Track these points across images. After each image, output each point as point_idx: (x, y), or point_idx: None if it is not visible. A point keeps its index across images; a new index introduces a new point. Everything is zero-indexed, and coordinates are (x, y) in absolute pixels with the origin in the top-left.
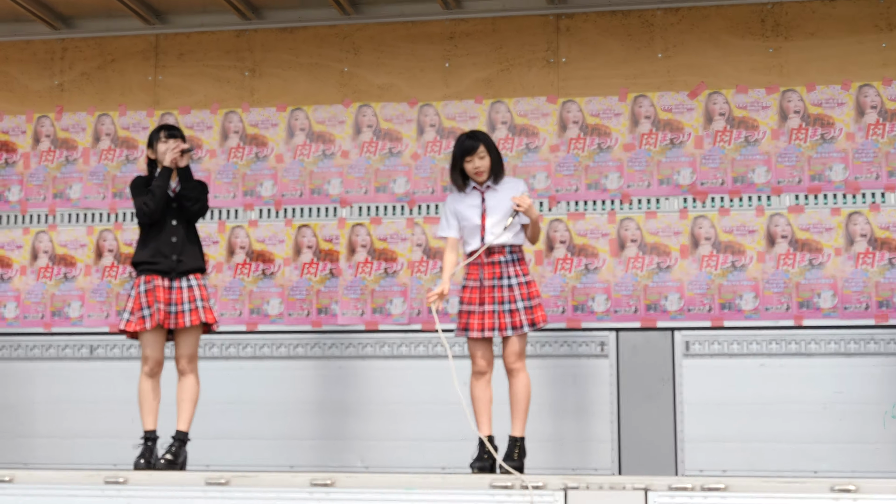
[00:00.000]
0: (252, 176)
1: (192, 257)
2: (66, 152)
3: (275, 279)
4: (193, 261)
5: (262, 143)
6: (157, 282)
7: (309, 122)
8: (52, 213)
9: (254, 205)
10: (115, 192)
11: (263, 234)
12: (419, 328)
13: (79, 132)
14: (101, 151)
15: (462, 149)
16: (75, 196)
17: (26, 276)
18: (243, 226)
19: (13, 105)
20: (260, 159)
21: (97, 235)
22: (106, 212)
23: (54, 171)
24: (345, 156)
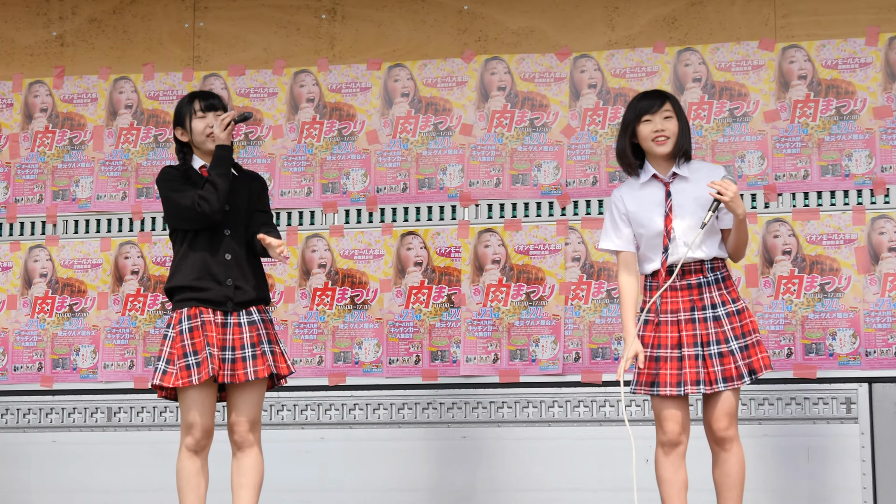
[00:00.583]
0: (334, 163)
1: (254, 282)
2: (69, 133)
3: (368, 311)
4: (256, 287)
5: (348, 116)
6: (206, 316)
7: (414, 83)
8: (52, 221)
9: (337, 204)
10: (140, 188)
11: (351, 245)
12: (578, 380)
13: (87, 104)
14: (120, 131)
15: (637, 109)
16: (84, 195)
17: (16, 311)
18: (322, 234)
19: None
20: (345, 138)
21: (115, 251)
22: (127, 217)
23: (54, 159)
24: (466, 132)
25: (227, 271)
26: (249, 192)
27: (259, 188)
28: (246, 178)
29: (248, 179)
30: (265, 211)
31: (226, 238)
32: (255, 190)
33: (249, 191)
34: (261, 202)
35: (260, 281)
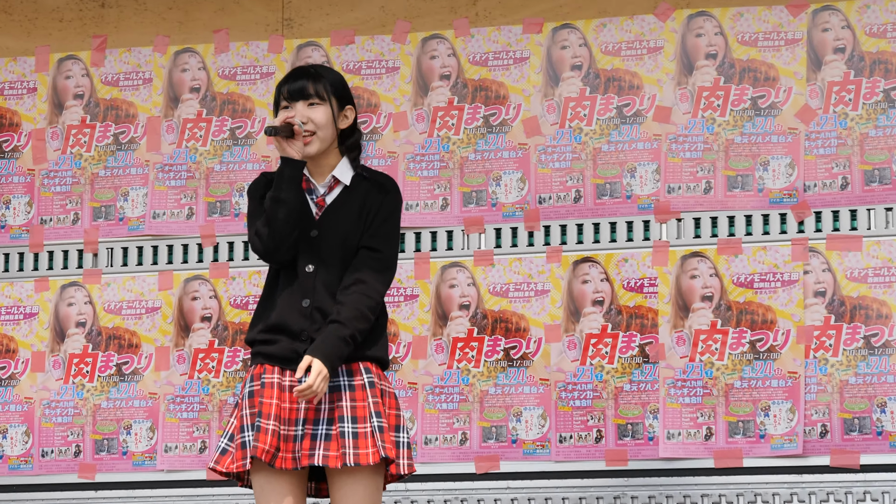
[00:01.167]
0: (478, 163)
1: None
2: (113, 127)
3: (529, 369)
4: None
5: (497, 99)
6: (268, 377)
7: (588, 51)
8: (92, 249)
9: (484, 220)
10: (211, 202)
11: (504, 277)
12: (826, 463)
13: (138, 87)
14: (184, 124)
15: None
16: (135, 212)
17: (44, 375)
18: (464, 263)
19: (11, 39)
20: (494, 129)
21: (179, 289)
22: (195, 242)
23: (93, 164)
24: (662, 117)
25: (302, 321)
26: (360, 211)
27: (378, 205)
28: (361, 189)
29: (363, 192)
30: (372, 248)
31: (306, 277)
32: (371, 207)
33: (361, 209)
34: (372, 228)
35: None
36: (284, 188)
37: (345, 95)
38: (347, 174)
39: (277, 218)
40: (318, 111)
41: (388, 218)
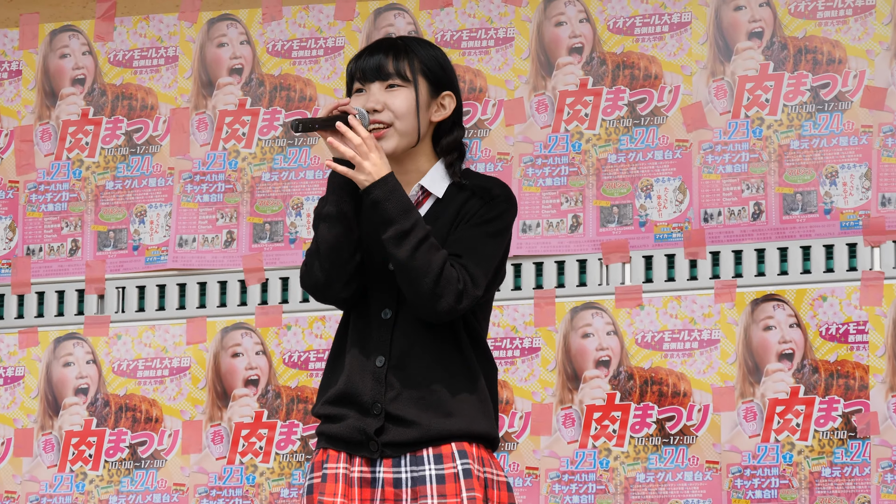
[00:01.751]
0: (629, 167)
1: (447, 404)
2: (125, 123)
3: (692, 446)
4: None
5: (648, 78)
6: (338, 467)
7: (772, 14)
8: (97, 288)
9: (630, 245)
10: (258, 223)
11: (655, 323)
12: None
13: (159, 68)
14: (221, 118)
15: None
16: (155, 239)
17: (31, 460)
18: (602, 305)
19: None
20: (640, 121)
21: (216, 342)
22: (237, 279)
23: (98, 174)
24: (874, 101)
25: (375, 388)
26: (452, 225)
27: (475, 209)
28: (458, 200)
29: (460, 202)
30: (458, 255)
31: (382, 327)
32: (465, 213)
33: (453, 223)
34: (457, 231)
35: (462, 403)
36: (332, 199)
37: (442, 77)
38: (441, 183)
39: (325, 239)
40: (398, 96)
41: (484, 224)
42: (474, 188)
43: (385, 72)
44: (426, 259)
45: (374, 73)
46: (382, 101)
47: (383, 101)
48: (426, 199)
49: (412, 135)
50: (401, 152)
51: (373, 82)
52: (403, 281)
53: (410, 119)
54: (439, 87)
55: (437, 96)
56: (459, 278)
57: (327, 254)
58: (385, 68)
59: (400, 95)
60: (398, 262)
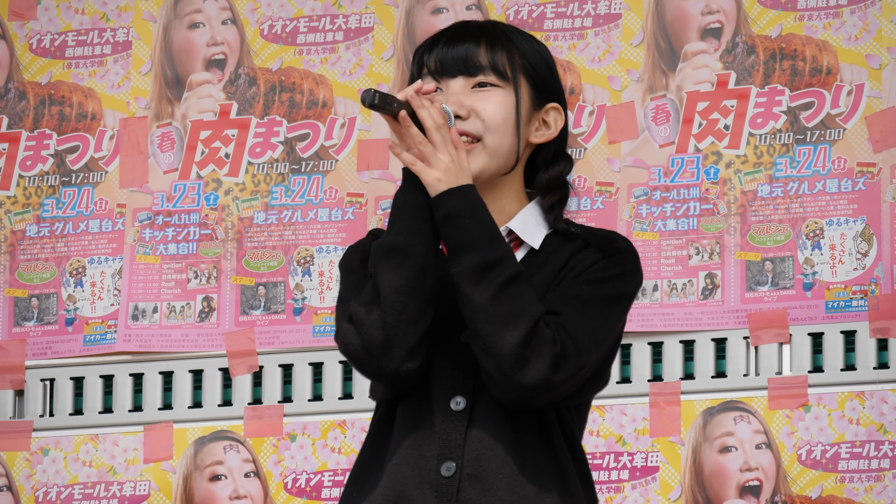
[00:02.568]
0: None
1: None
2: (55, 138)
3: None
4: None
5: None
6: None
7: None
8: (14, 383)
9: (788, 315)
10: (247, 285)
11: (826, 431)
12: None
13: (102, 59)
14: (194, 130)
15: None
16: (98, 309)
17: None
18: (747, 405)
19: None
20: (805, 136)
21: (187, 459)
22: (217, 366)
23: (15, 214)
24: None
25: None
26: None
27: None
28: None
29: (567, 253)
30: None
31: (451, 421)
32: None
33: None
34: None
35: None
36: (401, 226)
37: (550, 82)
38: (537, 231)
39: (391, 283)
40: (491, 99)
41: (601, 283)
42: (588, 237)
43: (475, 64)
44: (514, 306)
45: (458, 65)
46: (468, 104)
47: (469, 105)
48: (516, 248)
49: (507, 156)
50: (486, 179)
51: (455, 77)
52: (478, 338)
53: (507, 133)
54: (544, 96)
55: (540, 108)
56: (556, 339)
57: (393, 303)
58: (475, 59)
59: (494, 99)
60: (474, 306)
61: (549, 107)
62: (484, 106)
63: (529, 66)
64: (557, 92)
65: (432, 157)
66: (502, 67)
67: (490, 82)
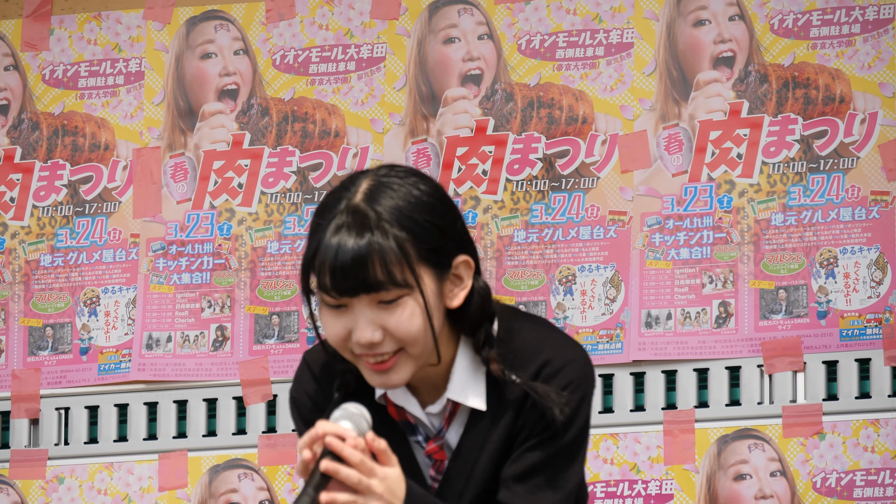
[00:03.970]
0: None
1: None
2: (68, 169)
3: None
4: None
5: None
6: None
7: None
8: (29, 412)
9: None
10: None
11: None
12: None
13: (115, 89)
14: (208, 160)
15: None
16: (112, 339)
17: None
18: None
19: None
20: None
21: (202, 487)
22: (231, 395)
23: (29, 244)
24: None
25: None
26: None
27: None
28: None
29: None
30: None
31: None
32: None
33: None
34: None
35: None
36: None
37: (446, 244)
38: (476, 384)
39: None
40: (400, 313)
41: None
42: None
43: (372, 282)
44: None
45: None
46: (380, 324)
47: (380, 325)
48: (458, 408)
49: (430, 345)
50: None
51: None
52: None
53: (426, 333)
54: (446, 262)
55: (447, 274)
56: None
57: None
58: (371, 277)
59: (404, 314)
60: None
61: (456, 263)
62: (397, 324)
63: (424, 248)
64: (457, 241)
65: (368, 489)
66: (401, 278)
67: (393, 297)
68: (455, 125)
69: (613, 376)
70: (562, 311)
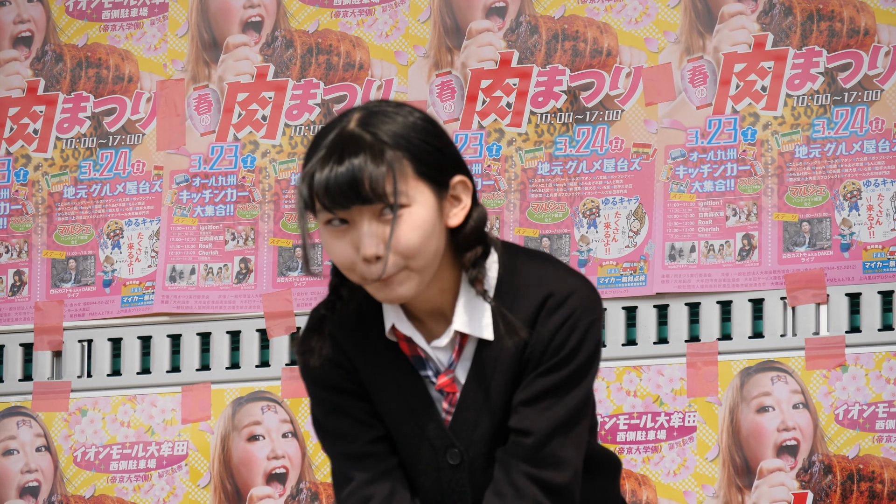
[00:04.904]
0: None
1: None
2: (92, 101)
3: None
4: None
5: None
6: None
7: None
8: (52, 344)
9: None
10: (284, 246)
11: None
12: None
13: (139, 21)
14: (231, 92)
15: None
16: (136, 271)
17: None
18: None
19: None
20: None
21: (225, 420)
22: (254, 327)
23: (52, 176)
24: None
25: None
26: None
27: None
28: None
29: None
30: (525, 433)
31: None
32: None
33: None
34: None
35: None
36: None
37: (443, 161)
38: (480, 314)
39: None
40: (402, 227)
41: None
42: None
43: (371, 193)
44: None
45: (353, 197)
46: (382, 237)
47: (383, 238)
48: (466, 339)
49: (435, 261)
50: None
51: (350, 209)
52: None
53: (429, 246)
54: (444, 179)
55: (446, 193)
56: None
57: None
58: (371, 187)
59: (405, 225)
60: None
61: (454, 183)
62: (399, 238)
63: (420, 163)
64: (455, 161)
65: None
66: (400, 187)
67: (392, 206)
68: (479, 58)
69: (637, 309)
70: (585, 243)
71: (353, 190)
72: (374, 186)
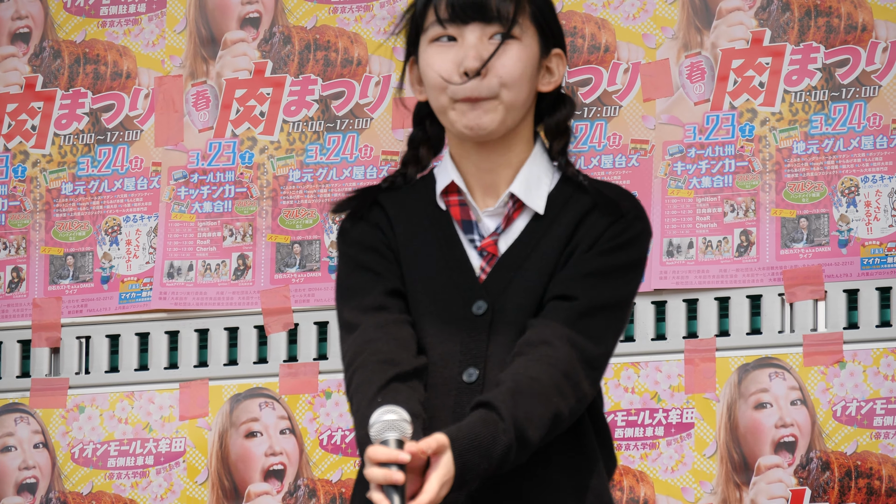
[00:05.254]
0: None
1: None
2: (90, 97)
3: None
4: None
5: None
6: None
7: None
8: (49, 341)
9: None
10: (283, 243)
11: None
12: None
13: (137, 17)
14: (229, 88)
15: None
16: (134, 268)
17: None
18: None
19: None
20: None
21: (223, 416)
22: (252, 324)
23: (50, 173)
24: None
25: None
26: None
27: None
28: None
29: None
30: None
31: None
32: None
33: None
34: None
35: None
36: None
37: (555, 28)
38: (539, 189)
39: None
40: (508, 53)
41: (615, 252)
42: (596, 197)
43: (491, 13)
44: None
45: (474, 12)
46: (485, 57)
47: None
48: (518, 213)
49: (521, 109)
50: (500, 133)
51: (467, 24)
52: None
53: (524, 87)
54: (549, 43)
55: (546, 56)
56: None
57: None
58: (492, 8)
59: (511, 54)
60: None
61: (553, 53)
62: (503, 63)
63: (538, 13)
64: (560, 36)
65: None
66: (518, 19)
67: (505, 34)
68: None
69: (635, 305)
70: None
71: (475, 8)
72: (500, 7)
